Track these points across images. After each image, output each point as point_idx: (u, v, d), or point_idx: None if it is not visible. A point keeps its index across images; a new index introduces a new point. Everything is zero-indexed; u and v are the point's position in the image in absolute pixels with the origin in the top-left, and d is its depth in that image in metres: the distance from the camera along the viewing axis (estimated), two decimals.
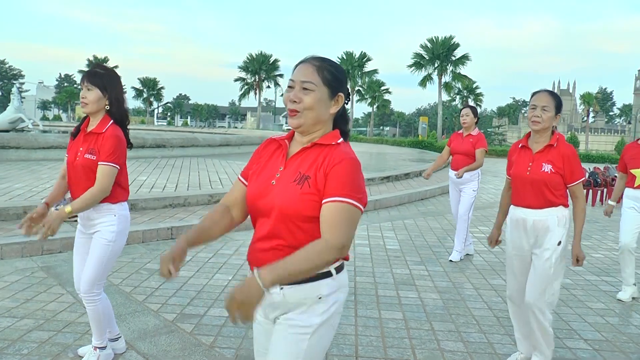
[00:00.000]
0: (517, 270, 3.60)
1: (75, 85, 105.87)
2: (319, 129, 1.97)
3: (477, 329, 4.39)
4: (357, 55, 59.23)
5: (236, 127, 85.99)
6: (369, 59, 59.74)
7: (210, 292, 4.87)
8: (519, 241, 3.56)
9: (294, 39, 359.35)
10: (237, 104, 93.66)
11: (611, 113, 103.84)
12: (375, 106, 66.26)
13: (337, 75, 1.96)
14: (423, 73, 48.82)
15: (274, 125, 68.79)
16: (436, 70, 48.26)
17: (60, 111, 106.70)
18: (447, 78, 48.53)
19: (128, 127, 3.35)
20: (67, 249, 5.81)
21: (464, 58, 47.41)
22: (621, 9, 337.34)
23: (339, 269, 1.96)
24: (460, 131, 6.79)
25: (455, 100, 62.81)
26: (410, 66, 48.89)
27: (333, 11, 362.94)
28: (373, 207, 9.87)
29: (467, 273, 6.02)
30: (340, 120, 2.03)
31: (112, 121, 3.22)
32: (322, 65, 1.95)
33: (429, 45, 48.24)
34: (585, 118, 66.91)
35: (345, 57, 58.85)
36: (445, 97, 53.51)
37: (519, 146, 3.61)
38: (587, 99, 57.93)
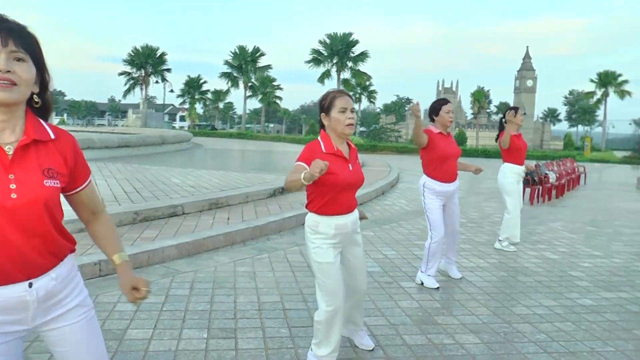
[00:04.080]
0: None
1: None
2: None
3: None
4: (251, 50, 57.63)
5: (116, 125, 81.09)
6: (262, 54, 58.39)
7: None
8: None
9: (182, 32, 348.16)
10: (117, 100, 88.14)
11: (488, 110, 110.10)
12: (266, 102, 65.00)
13: None
14: (321, 69, 48.30)
15: (162, 123, 64.99)
16: (335, 67, 47.84)
17: None
18: (346, 75, 48.29)
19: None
20: None
21: (363, 55, 47.35)
22: (495, 15, 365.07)
23: None
24: (436, 129, 5.28)
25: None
26: (308, 62, 48.16)
27: (223, 2, 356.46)
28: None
29: (481, 300, 5.01)
30: None
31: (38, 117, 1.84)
32: None
33: (327, 41, 47.76)
34: (472, 115, 70.29)
35: (238, 52, 57.02)
36: None
37: None
38: (477, 96, 60.16)
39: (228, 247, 6.63)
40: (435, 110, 5.31)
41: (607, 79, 69.78)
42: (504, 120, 7.06)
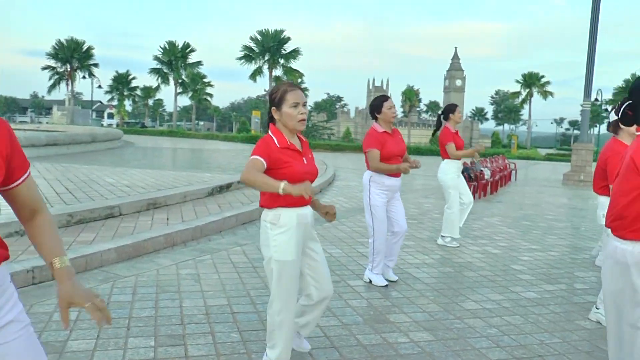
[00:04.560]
0: None
1: None
2: None
3: None
4: (181, 46, 56.36)
5: (40, 123, 77.46)
6: (192, 50, 57.32)
7: None
8: None
9: (108, 27, 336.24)
10: (41, 96, 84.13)
11: (418, 109, 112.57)
12: (197, 100, 63.87)
13: None
14: (253, 66, 47.77)
15: (89, 120, 62.22)
16: (267, 64, 47.43)
17: None
18: (278, 72, 47.92)
19: None
20: None
21: (295, 52, 47.20)
22: (423, 17, 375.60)
23: None
24: (380, 128, 5.16)
25: None
26: (239, 59, 47.52)
27: None
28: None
29: (430, 296, 5.03)
30: None
31: None
32: None
33: (259, 37, 47.27)
34: (402, 113, 71.51)
35: (168, 47, 55.66)
36: (262, 90, 53.42)
37: None
38: (408, 95, 61.32)
39: (169, 248, 6.38)
40: (377, 108, 5.19)
41: (531, 80, 72.91)
42: (442, 117, 7.15)
